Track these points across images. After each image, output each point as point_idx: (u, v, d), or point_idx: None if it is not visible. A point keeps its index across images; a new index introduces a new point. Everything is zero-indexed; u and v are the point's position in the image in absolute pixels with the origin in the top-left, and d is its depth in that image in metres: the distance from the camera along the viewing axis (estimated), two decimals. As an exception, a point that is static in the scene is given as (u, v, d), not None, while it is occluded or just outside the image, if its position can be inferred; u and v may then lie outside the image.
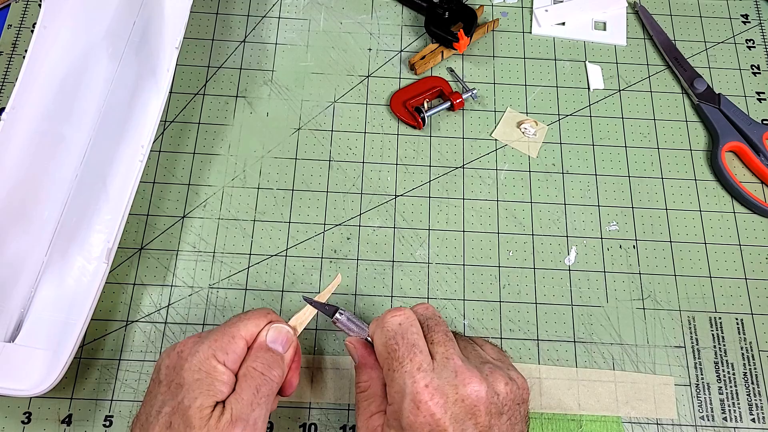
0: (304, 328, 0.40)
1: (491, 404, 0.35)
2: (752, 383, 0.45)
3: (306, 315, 0.40)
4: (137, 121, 0.48)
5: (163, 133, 0.52)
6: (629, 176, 0.51)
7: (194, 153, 0.51)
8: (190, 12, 0.48)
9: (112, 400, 0.44)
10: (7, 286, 0.43)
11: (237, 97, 0.53)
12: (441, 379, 0.35)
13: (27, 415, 0.43)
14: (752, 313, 0.47)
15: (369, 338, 0.39)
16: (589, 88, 0.55)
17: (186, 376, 0.34)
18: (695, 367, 0.45)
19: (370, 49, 0.56)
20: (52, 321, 0.43)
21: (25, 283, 0.44)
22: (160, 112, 0.46)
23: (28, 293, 0.44)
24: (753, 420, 0.44)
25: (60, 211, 0.46)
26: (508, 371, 0.37)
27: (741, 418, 0.44)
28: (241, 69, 0.54)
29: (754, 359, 0.46)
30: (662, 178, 0.51)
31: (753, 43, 0.57)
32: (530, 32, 0.57)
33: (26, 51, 0.45)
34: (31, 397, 0.43)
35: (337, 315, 0.39)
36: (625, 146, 0.53)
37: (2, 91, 0.53)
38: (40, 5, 0.56)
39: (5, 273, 0.44)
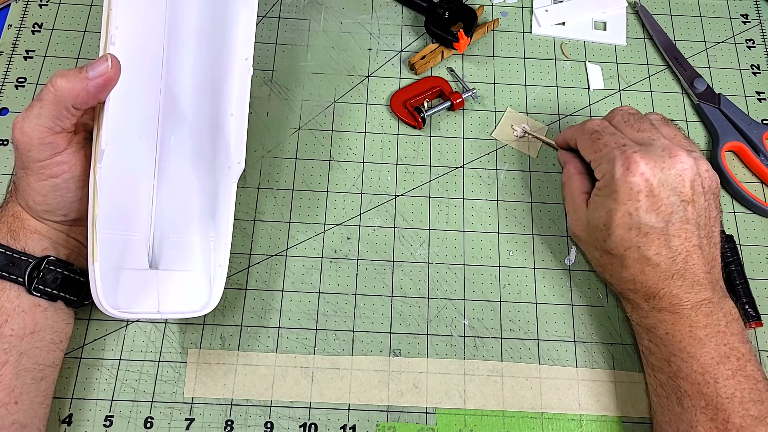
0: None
1: (694, 181, 0.40)
2: (752, 383, 0.45)
3: None
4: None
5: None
6: (629, 176, 0.51)
7: (194, 153, 0.51)
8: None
9: (112, 400, 0.44)
10: (128, 214, 0.43)
11: (237, 97, 0.53)
12: (649, 152, 0.40)
13: (27, 415, 0.43)
14: (752, 313, 0.47)
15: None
16: (589, 88, 0.55)
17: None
18: (695, 367, 0.45)
19: (370, 49, 0.56)
20: (181, 243, 0.44)
21: (145, 210, 0.44)
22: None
23: (147, 219, 0.44)
24: (753, 420, 0.44)
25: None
26: (708, 163, 0.42)
27: (741, 418, 0.44)
28: (241, 69, 0.54)
29: (754, 359, 0.46)
30: (662, 178, 0.51)
31: (753, 43, 0.57)
32: (530, 32, 0.57)
33: (26, 51, 0.44)
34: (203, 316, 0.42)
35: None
36: (625, 146, 0.53)
37: (2, 91, 0.53)
38: (40, 5, 0.56)
39: (128, 202, 0.43)
